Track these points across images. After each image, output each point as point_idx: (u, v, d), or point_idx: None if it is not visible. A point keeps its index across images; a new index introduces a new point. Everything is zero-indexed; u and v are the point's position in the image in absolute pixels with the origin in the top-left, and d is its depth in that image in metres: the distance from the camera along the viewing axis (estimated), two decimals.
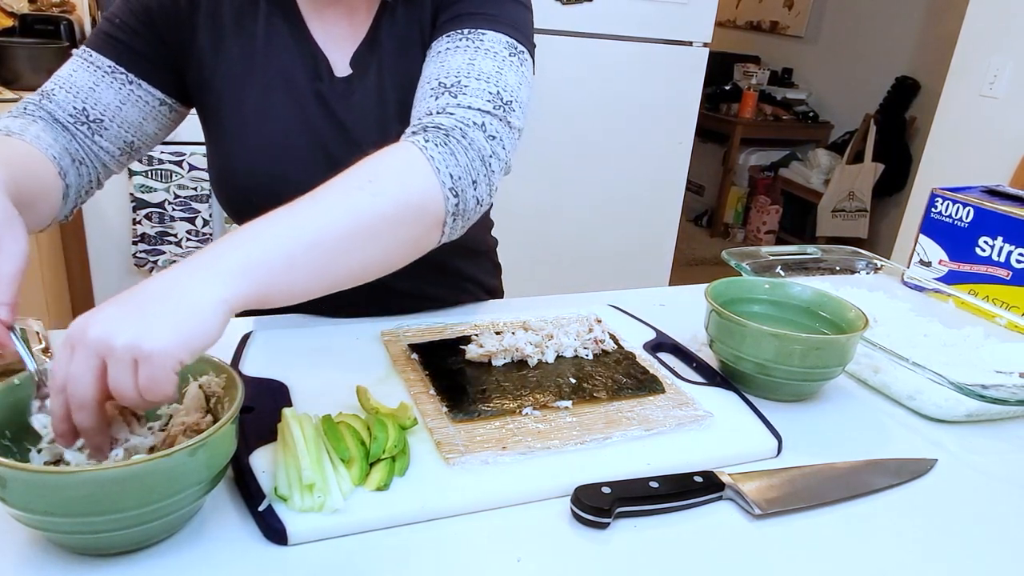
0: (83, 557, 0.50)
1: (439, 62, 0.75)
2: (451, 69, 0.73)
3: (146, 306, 0.49)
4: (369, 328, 0.85)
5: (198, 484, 0.49)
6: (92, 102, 0.80)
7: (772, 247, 1.10)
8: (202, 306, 0.50)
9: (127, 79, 0.81)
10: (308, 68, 0.84)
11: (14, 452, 0.52)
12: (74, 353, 0.48)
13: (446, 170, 0.66)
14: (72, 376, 0.48)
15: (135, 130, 0.83)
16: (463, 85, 0.72)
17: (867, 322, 0.78)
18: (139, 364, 0.47)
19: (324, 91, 0.84)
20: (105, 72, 0.80)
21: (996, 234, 1.04)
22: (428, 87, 0.74)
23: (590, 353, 0.81)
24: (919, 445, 0.74)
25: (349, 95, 0.85)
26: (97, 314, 0.49)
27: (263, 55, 0.83)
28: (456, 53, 0.75)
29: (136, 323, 0.48)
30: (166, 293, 0.50)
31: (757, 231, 4.43)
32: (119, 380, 0.47)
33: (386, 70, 0.85)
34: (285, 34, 0.84)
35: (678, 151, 2.71)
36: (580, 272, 2.70)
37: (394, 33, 0.85)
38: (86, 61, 0.81)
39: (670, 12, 2.51)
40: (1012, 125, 2.38)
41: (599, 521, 0.57)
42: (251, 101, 0.83)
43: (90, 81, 0.80)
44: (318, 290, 0.58)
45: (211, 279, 0.51)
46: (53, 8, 2.33)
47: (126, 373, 0.47)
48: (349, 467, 0.58)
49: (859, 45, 4.21)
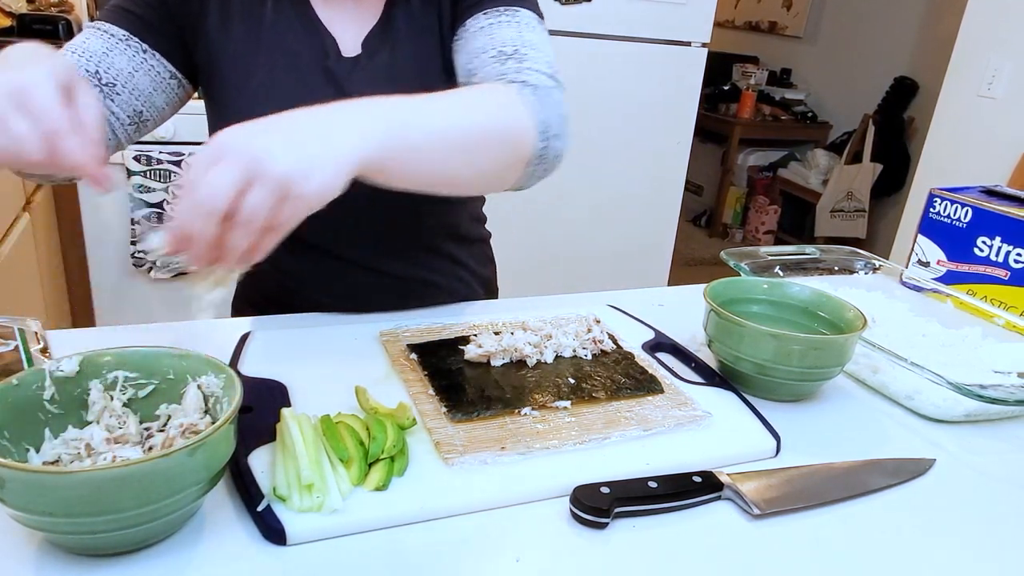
0: (82, 557, 0.50)
1: (487, 35, 0.79)
2: (505, 39, 0.78)
3: (304, 141, 0.50)
4: (368, 328, 0.85)
5: (197, 484, 0.49)
6: (105, 66, 0.80)
7: (771, 247, 1.10)
8: (344, 158, 0.52)
9: (140, 47, 0.82)
10: (315, 48, 0.86)
11: (13, 452, 0.52)
12: (223, 161, 0.47)
13: (540, 115, 0.71)
14: (211, 184, 0.47)
15: (145, 99, 0.84)
16: (522, 54, 0.77)
17: (865, 322, 0.78)
18: (286, 200, 0.48)
19: (332, 68, 0.86)
20: (119, 39, 0.81)
21: (994, 234, 1.05)
22: (488, 56, 0.78)
23: (589, 353, 0.81)
24: (917, 445, 0.74)
25: (358, 73, 0.86)
26: (259, 132, 0.49)
27: (270, 35, 0.85)
28: (502, 26, 0.79)
29: (295, 156, 0.48)
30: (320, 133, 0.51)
31: (756, 231, 4.43)
32: (258, 205, 0.47)
33: (400, 51, 0.86)
34: (292, 15, 0.86)
35: (677, 151, 2.71)
36: (579, 272, 2.70)
37: (409, 19, 0.87)
38: (99, 30, 0.81)
39: (669, 12, 2.51)
40: (1010, 125, 2.38)
41: (598, 521, 0.57)
42: (258, 79, 0.85)
43: (103, 47, 0.80)
44: (428, 182, 0.61)
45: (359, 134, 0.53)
46: (51, 8, 2.32)
47: (268, 201, 0.48)
48: (348, 467, 0.58)
49: (858, 45, 4.21)
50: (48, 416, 0.55)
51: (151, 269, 2.14)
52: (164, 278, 2.18)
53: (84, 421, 0.57)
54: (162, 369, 0.59)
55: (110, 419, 0.56)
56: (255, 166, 0.47)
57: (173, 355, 0.59)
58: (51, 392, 0.55)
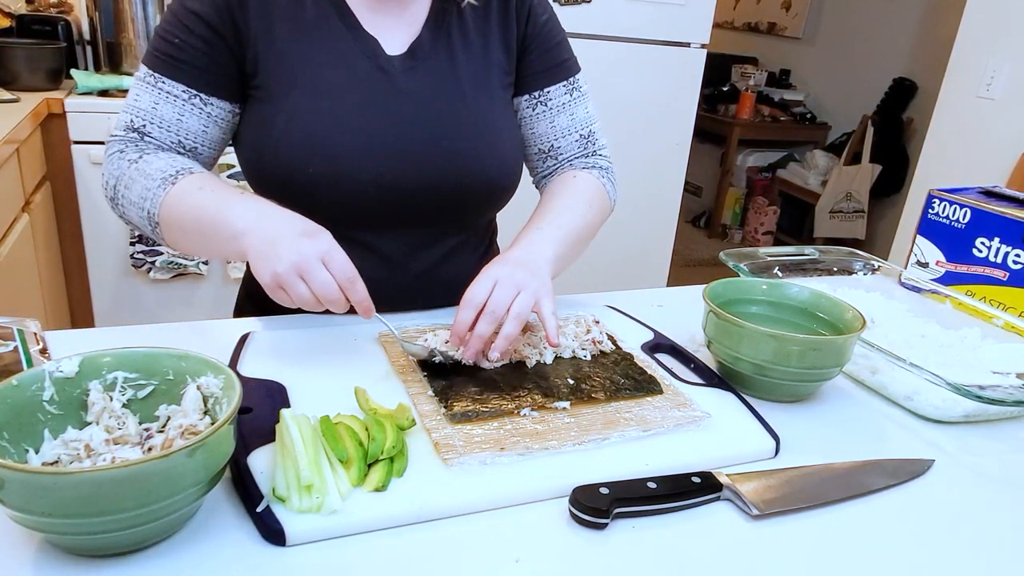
0: (81, 558, 0.50)
1: (569, 115, 0.99)
2: (581, 120, 1.00)
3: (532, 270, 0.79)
4: (367, 329, 0.85)
5: (196, 485, 0.49)
6: (184, 133, 0.85)
7: (770, 248, 1.10)
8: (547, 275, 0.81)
9: (203, 101, 0.84)
10: (361, 47, 0.87)
11: (12, 453, 0.52)
12: (499, 286, 0.75)
13: (612, 193, 1.03)
14: (496, 298, 0.74)
15: (217, 145, 0.89)
16: (595, 137, 1.02)
17: (864, 323, 0.78)
18: (538, 303, 0.76)
19: (384, 65, 0.88)
20: (184, 100, 0.84)
21: (993, 235, 1.05)
22: (572, 139, 1.00)
23: (588, 354, 0.81)
24: (916, 446, 0.74)
25: (413, 68, 0.89)
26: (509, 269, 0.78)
27: (314, 36, 0.86)
28: (578, 105, 1.00)
29: (536, 281, 0.78)
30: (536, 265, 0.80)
31: (755, 232, 4.44)
32: (526, 305, 0.75)
33: (456, 58, 0.91)
34: (335, 19, 0.87)
35: (676, 152, 2.71)
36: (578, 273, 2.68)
37: (463, 33, 0.92)
38: (160, 90, 0.83)
39: (668, 13, 2.51)
40: (1009, 126, 2.39)
41: (597, 522, 0.57)
42: (306, 77, 0.85)
43: (175, 114, 0.84)
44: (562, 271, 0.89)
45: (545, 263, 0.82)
46: (51, 9, 2.32)
47: (530, 301, 0.75)
48: (347, 468, 0.58)
49: (857, 46, 4.21)
50: (47, 417, 0.55)
51: (150, 270, 2.14)
52: (163, 279, 2.18)
53: (84, 422, 0.57)
54: (161, 370, 0.59)
55: (109, 420, 0.56)
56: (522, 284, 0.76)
57: (172, 356, 0.59)
58: (50, 393, 0.55)
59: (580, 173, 0.98)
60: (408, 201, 0.88)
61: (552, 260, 0.83)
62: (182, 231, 0.79)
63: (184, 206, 0.78)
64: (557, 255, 0.85)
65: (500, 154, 0.93)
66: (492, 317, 0.74)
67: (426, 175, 0.88)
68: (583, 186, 0.96)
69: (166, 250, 2.14)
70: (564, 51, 0.99)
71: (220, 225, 0.75)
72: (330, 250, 0.71)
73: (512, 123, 0.97)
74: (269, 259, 0.70)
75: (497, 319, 0.74)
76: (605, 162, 1.03)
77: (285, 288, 0.70)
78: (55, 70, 2.11)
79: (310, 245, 0.70)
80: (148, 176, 0.80)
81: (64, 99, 1.98)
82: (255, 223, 0.73)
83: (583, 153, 1.01)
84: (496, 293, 0.75)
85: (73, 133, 2.00)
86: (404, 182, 0.87)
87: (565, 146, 1.00)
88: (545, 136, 0.99)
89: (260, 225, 0.73)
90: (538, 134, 1.00)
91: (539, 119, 0.99)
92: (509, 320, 0.74)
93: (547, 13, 0.99)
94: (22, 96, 1.95)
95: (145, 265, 2.13)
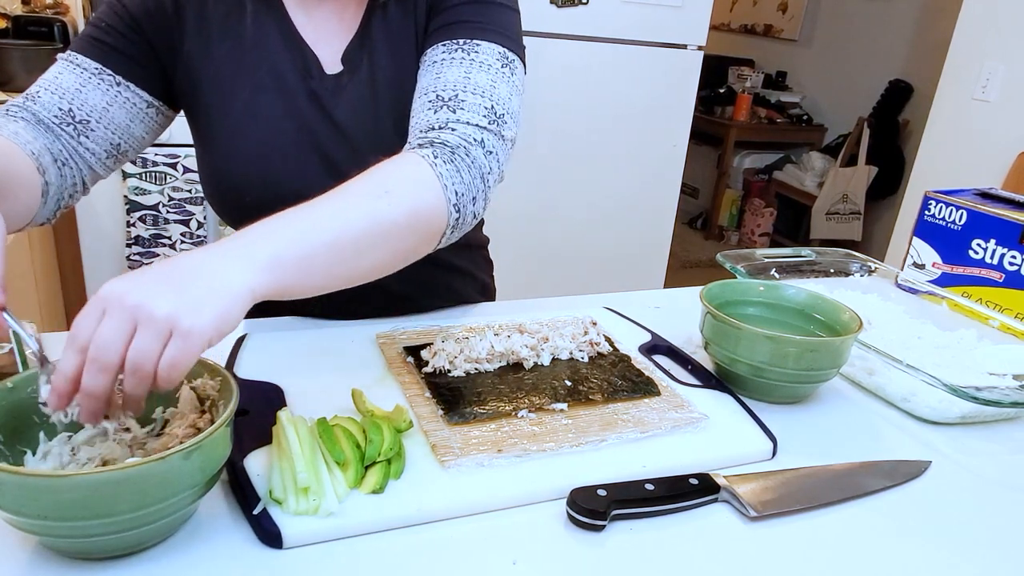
0: (76, 561, 0.50)
1: (435, 73, 0.78)
2: (448, 82, 0.77)
3: (184, 283, 0.50)
4: (364, 331, 0.85)
5: (192, 488, 0.49)
6: (78, 103, 0.79)
7: (766, 250, 1.11)
8: (233, 292, 0.52)
9: (114, 80, 0.80)
10: (298, 66, 0.84)
11: (8, 456, 0.51)
12: (107, 315, 0.48)
13: (452, 187, 0.70)
14: (101, 337, 0.47)
15: (122, 132, 0.82)
16: (460, 100, 0.75)
17: (861, 324, 0.78)
18: (173, 338, 0.48)
19: (316, 89, 0.84)
20: (92, 74, 0.79)
21: (989, 237, 1.05)
22: (426, 99, 0.77)
23: (585, 356, 0.81)
24: (913, 447, 0.74)
25: (341, 92, 0.85)
26: (135, 281, 0.49)
27: (252, 55, 0.83)
28: (452, 65, 0.78)
29: (177, 297, 0.49)
30: (200, 274, 0.51)
31: (751, 234, 4.44)
32: (146, 349, 0.48)
33: (378, 66, 0.85)
34: (274, 32, 0.84)
35: (673, 154, 2.72)
36: (575, 275, 2.70)
37: (386, 29, 0.85)
38: (71, 63, 0.80)
39: (664, 15, 2.51)
40: (1004, 128, 2.39)
41: (595, 523, 0.57)
42: (242, 101, 0.83)
43: (76, 83, 0.79)
44: (329, 286, 0.61)
45: (243, 268, 0.53)
46: (47, 10, 2.32)
47: (156, 344, 0.48)
48: (344, 470, 0.57)
49: (852, 48, 4.22)
50: (43, 419, 0.55)
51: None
52: None
53: (79, 424, 0.56)
54: None
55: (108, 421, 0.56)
56: (139, 313, 0.48)
57: None
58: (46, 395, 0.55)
59: (407, 154, 0.71)
60: None
61: (267, 263, 0.55)
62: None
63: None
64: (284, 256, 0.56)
65: None
66: (96, 366, 0.48)
67: None
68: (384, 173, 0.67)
69: (163, 252, 2.13)
70: (461, 15, 0.81)
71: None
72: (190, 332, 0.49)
73: None
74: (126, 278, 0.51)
75: (107, 368, 0.48)
76: (462, 133, 0.73)
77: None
78: None
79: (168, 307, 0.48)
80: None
81: None
82: None
83: (433, 123, 0.75)
84: (103, 328, 0.48)
85: None
86: None
87: (417, 108, 0.78)
88: (409, 99, 0.82)
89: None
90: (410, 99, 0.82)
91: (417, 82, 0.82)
92: (127, 373, 0.48)
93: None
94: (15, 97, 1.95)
95: (141, 267, 2.13)
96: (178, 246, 2.14)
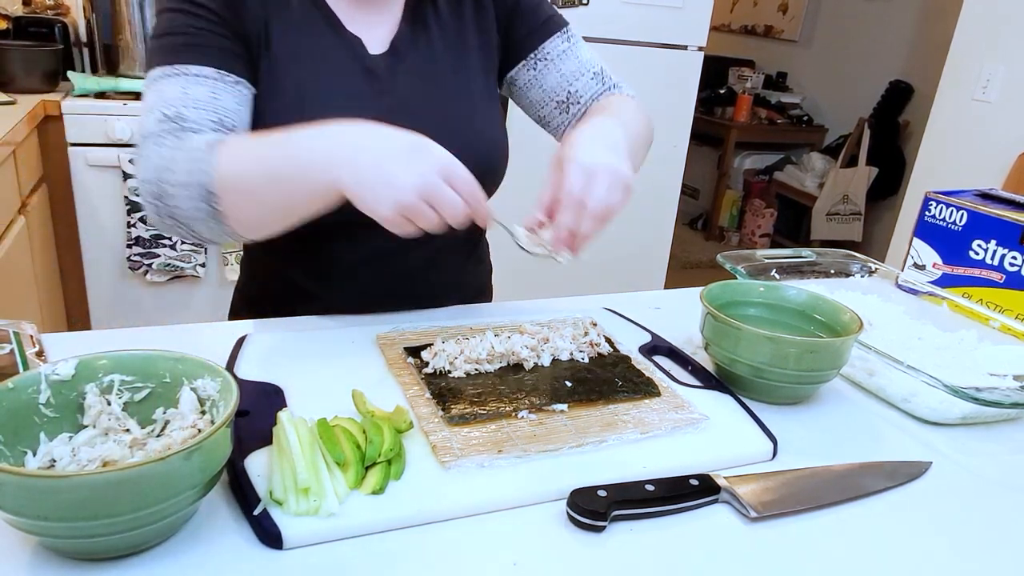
0: (77, 562, 0.50)
1: (574, 57, 0.97)
2: (588, 62, 0.98)
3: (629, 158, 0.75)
4: (365, 331, 0.85)
5: (193, 488, 0.49)
6: (223, 111, 0.79)
7: (767, 250, 1.11)
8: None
9: (233, 80, 0.81)
10: (348, 49, 0.87)
11: (8, 456, 0.51)
12: (594, 178, 0.68)
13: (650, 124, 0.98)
14: (594, 193, 0.68)
15: (248, 128, 0.83)
16: (606, 72, 0.99)
17: (861, 325, 0.78)
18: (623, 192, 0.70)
19: (369, 66, 0.87)
20: (214, 80, 0.79)
21: (989, 237, 1.05)
22: (587, 79, 0.97)
23: (585, 356, 0.81)
24: (913, 448, 0.74)
25: (395, 66, 0.89)
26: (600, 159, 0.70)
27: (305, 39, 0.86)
28: (577, 49, 0.98)
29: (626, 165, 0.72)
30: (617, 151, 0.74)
31: (752, 234, 4.44)
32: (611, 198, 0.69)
33: (435, 51, 0.91)
34: (321, 22, 0.87)
35: (673, 155, 2.72)
36: (575, 275, 2.69)
37: (439, 22, 0.92)
38: (186, 76, 0.78)
39: (665, 16, 2.52)
40: (1005, 129, 2.39)
41: (595, 524, 0.57)
42: (303, 81, 0.84)
43: (208, 93, 0.78)
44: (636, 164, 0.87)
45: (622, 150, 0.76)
46: (48, 11, 2.32)
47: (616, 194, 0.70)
48: (344, 471, 0.57)
49: (853, 49, 4.23)
50: (44, 420, 0.55)
51: (147, 272, 2.13)
52: (160, 281, 2.17)
53: (80, 425, 0.56)
54: (158, 373, 0.59)
55: (109, 422, 0.56)
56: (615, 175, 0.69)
57: (169, 358, 0.59)
58: (46, 396, 0.55)
59: (612, 95, 0.97)
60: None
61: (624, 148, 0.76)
62: (250, 193, 0.72)
63: (245, 161, 0.71)
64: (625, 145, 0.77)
65: (486, 138, 0.93)
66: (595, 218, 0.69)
67: None
68: (623, 101, 0.94)
69: (163, 252, 2.13)
70: (547, 9, 0.98)
71: (300, 163, 0.66)
72: (449, 164, 0.65)
73: (495, 106, 0.97)
74: (385, 188, 0.62)
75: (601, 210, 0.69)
76: (629, 90, 1.00)
77: (413, 218, 0.63)
78: (52, 72, 2.11)
79: (428, 164, 0.63)
80: (193, 150, 0.73)
81: (61, 101, 1.98)
82: (344, 150, 0.65)
83: (603, 90, 0.98)
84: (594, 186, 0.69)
85: (70, 135, 1.99)
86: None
87: (581, 87, 0.97)
88: (558, 86, 0.97)
89: (353, 148, 0.65)
90: (549, 88, 0.98)
91: (545, 75, 0.97)
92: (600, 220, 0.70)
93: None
94: (19, 98, 1.95)
95: (142, 267, 2.13)
96: (178, 247, 2.14)
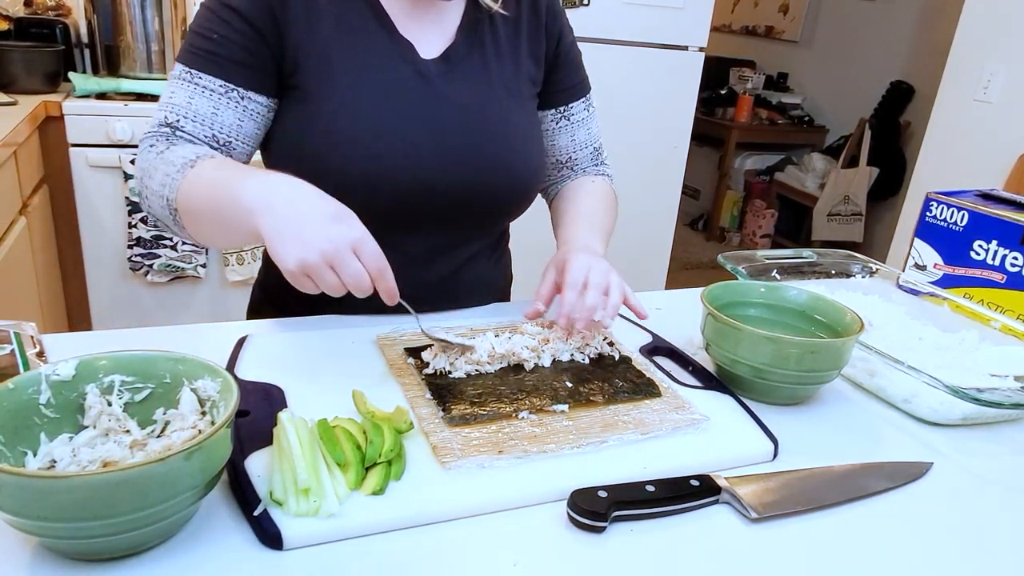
0: (77, 562, 0.50)
1: (586, 129, 1.06)
2: (594, 135, 1.08)
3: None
4: (365, 332, 0.85)
5: (193, 489, 0.49)
6: (219, 127, 0.83)
7: (768, 251, 1.11)
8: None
9: (240, 95, 0.83)
10: (401, 52, 0.88)
11: (9, 457, 0.51)
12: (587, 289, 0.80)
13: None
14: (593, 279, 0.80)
15: (252, 141, 0.87)
16: (602, 148, 1.11)
17: (862, 326, 0.78)
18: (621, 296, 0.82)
19: (422, 70, 0.88)
20: (220, 94, 0.82)
21: (990, 238, 1.05)
22: (587, 152, 1.08)
23: (586, 357, 0.81)
24: (914, 448, 0.74)
25: (449, 72, 0.90)
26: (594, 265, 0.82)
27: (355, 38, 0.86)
28: (591, 119, 1.07)
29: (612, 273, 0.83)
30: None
31: (753, 235, 4.44)
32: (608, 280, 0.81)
33: (490, 58, 0.93)
34: (374, 24, 0.87)
35: (674, 155, 2.72)
36: None
37: (495, 42, 0.94)
38: (196, 85, 0.82)
39: (666, 17, 2.52)
40: (1006, 129, 2.39)
41: (595, 525, 0.57)
42: (348, 78, 0.85)
43: (210, 107, 0.82)
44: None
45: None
46: (48, 11, 2.32)
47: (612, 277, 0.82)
48: (345, 471, 0.57)
49: (854, 50, 4.22)
50: (44, 420, 0.55)
51: (148, 273, 2.13)
52: (161, 282, 2.17)
53: (80, 425, 0.56)
54: (158, 373, 0.59)
55: (109, 422, 0.56)
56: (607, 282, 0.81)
57: (169, 359, 0.59)
58: (47, 396, 0.55)
59: (596, 179, 1.07)
60: (441, 202, 0.89)
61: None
62: (198, 216, 0.76)
63: (199, 188, 0.74)
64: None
65: (529, 158, 0.95)
66: (598, 290, 0.80)
67: (461, 177, 0.88)
68: (604, 190, 1.06)
69: (164, 253, 2.13)
70: (583, 70, 1.06)
71: (232, 203, 0.70)
72: (361, 238, 0.68)
73: (538, 130, 1.00)
74: (294, 243, 0.66)
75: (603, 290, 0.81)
76: (609, 171, 1.11)
77: (312, 277, 0.67)
78: (53, 73, 2.11)
79: (341, 232, 0.66)
80: (169, 163, 0.77)
81: (62, 102, 1.98)
82: (272, 199, 0.68)
83: (593, 164, 1.09)
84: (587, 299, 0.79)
85: (71, 136, 1.99)
86: (440, 184, 0.87)
87: (581, 158, 1.07)
88: (565, 148, 1.06)
89: (280, 202, 0.68)
90: (558, 146, 1.05)
91: (561, 132, 1.04)
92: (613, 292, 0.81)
93: (572, 34, 1.04)
94: (20, 99, 1.95)
95: (143, 268, 2.13)
96: (179, 247, 2.14)
